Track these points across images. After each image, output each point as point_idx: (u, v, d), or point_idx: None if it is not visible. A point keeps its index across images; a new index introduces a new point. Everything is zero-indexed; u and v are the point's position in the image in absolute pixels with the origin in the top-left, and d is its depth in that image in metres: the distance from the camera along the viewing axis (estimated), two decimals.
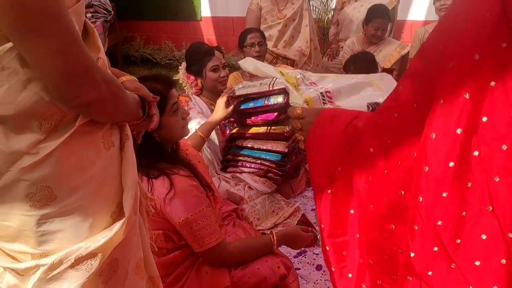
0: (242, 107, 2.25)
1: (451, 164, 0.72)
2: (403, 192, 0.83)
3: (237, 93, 2.24)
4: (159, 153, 1.47)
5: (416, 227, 0.78)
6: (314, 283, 1.85)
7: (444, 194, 0.74)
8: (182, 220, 1.40)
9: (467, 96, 0.69)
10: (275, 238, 1.56)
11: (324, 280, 1.87)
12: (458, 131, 0.71)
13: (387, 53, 3.26)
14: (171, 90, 1.48)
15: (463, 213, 0.74)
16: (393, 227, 0.88)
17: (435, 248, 0.77)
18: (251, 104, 2.24)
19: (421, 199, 0.77)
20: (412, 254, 0.80)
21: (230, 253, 1.48)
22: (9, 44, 0.66)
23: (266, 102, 2.20)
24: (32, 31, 0.64)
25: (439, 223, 0.75)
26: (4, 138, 0.70)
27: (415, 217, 0.79)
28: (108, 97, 0.76)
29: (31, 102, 0.69)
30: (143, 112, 0.92)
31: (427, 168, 0.76)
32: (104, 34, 4.03)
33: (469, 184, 0.73)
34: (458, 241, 0.75)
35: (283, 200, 2.36)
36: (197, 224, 1.41)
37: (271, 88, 2.16)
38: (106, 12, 4.28)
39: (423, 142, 0.76)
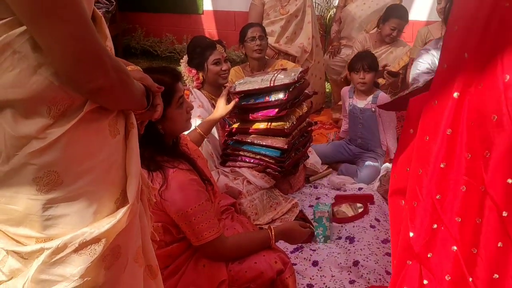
0: (243, 102, 2.25)
1: (449, 131, 0.71)
2: (408, 169, 0.82)
3: (238, 88, 2.24)
4: (160, 145, 1.48)
5: (415, 203, 0.77)
6: (310, 278, 1.86)
7: (442, 165, 0.72)
8: (181, 213, 1.41)
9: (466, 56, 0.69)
10: (273, 233, 1.57)
11: (320, 276, 1.88)
12: (455, 95, 0.71)
13: (397, 56, 3.23)
14: (178, 83, 1.49)
15: (462, 188, 0.71)
16: (403, 202, 0.86)
17: (435, 225, 0.74)
18: (251, 100, 2.24)
19: (420, 171, 0.75)
20: (411, 234, 0.78)
21: (228, 248, 1.49)
22: (21, 29, 0.67)
23: (267, 98, 2.20)
24: (46, 16, 0.65)
25: (438, 196, 0.73)
26: (13, 122, 0.71)
27: (414, 193, 0.77)
28: (117, 84, 0.77)
29: (41, 87, 0.70)
30: (148, 102, 0.93)
31: (427, 138, 0.74)
32: None
33: (468, 156, 0.70)
34: (458, 219, 0.72)
35: (281, 196, 2.37)
36: (196, 218, 1.41)
37: (272, 84, 2.17)
38: (108, 3, 4.26)
39: (425, 110, 0.75)
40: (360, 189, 2.54)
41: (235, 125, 2.36)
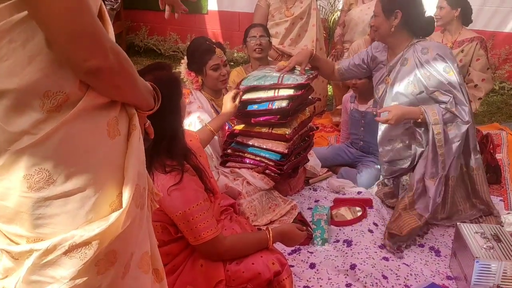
0: (248, 108, 2.28)
1: None
2: None
3: (244, 96, 2.25)
4: (174, 149, 1.46)
5: None
6: (307, 280, 1.87)
7: None
8: (180, 213, 1.41)
9: None
10: (271, 235, 1.57)
11: (317, 278, 1.88)
12: None
13: None
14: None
15: None
16: None
17: None
18: (255, 106, 2.27)
19: None
20: None
21: (226, 248, 1.49)
22: (17, 17, 0.66)
23: (270, 106, 2.23)
24: None
25: None
26: (6, 116, 0.69)
27: None
28: (116, 68, 0.74)
29: (34, 78, 0.69)
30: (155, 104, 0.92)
31: None
32: None
33: None
34: None
35: (280, 197, 2.37)
36: (194, 218, 1.42)
37: (276, 95, 2.20)
38: (113, 0, 4.28)
39: None
40: (359, 193, 2.54)
41: (238, 127, 2.36)
